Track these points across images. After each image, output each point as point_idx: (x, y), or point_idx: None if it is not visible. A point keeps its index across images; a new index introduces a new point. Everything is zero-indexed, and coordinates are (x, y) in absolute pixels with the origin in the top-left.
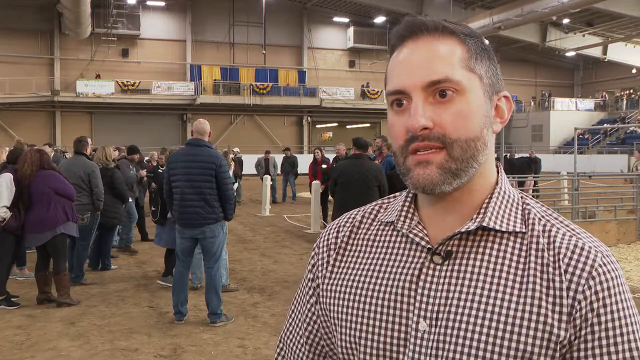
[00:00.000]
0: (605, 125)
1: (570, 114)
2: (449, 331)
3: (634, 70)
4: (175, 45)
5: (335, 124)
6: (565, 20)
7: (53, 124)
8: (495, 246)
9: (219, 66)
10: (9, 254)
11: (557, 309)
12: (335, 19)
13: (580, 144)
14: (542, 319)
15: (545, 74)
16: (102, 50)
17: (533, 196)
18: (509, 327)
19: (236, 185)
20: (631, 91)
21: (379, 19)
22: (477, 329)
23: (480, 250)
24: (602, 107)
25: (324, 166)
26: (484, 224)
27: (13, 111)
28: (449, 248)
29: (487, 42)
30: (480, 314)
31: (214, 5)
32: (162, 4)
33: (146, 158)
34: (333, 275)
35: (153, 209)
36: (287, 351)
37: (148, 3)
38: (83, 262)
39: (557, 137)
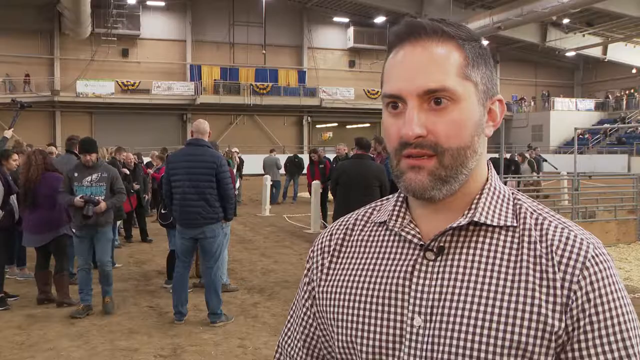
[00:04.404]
0: (605, 125)
1: (570, 114)
2: (444, 326)
3: (634, 70)
4: (175, 45)
5: (335, 124)
6: (565, 20)
7: (53, 124)
8: (487, 240)
9: (219, 66)
10: (1, 254)
11: (551, 299)
12: (335, 19)
13: (580, 144)
14: (535, 309)
15: (545, 74)
16: (102, 50)
17: (532, 197)
18: (503, 319)
19: (238, 184)
20: (631, 91)
21: (379, 19)
22: (472, 322)
23: (472, 245)
24: (602, 107)
25: (321, 166)
26: (475, 218)
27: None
28: (441, 244)
29: (485, 44)
30: (475, 307)
31: (214, 5)
32: (162, 4)
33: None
34: (328, 278)
35: (163, 211)
36: (284, 355)
37: (148, 3)
38: None
39: (557, 137)
